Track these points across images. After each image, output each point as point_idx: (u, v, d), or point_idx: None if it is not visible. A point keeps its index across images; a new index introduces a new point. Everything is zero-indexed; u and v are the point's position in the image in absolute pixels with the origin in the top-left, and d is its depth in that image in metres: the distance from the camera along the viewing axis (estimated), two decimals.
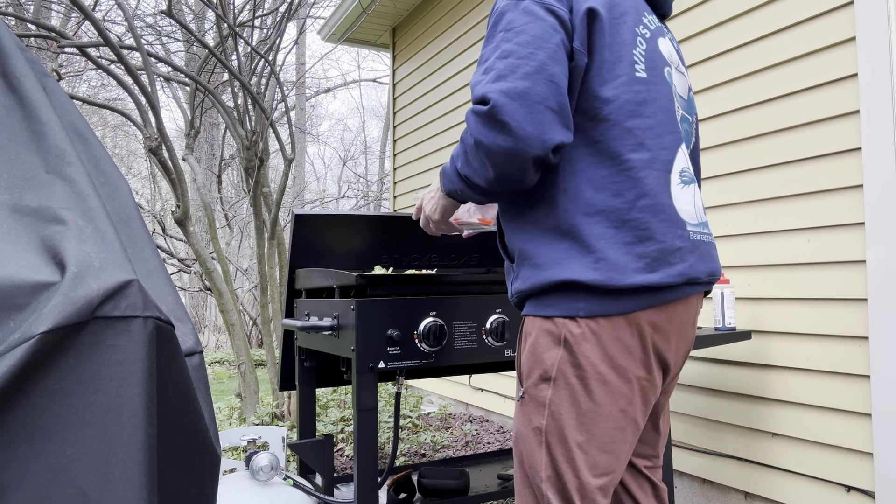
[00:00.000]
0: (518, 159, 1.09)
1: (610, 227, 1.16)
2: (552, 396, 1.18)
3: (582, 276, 1.14)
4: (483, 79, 1.13)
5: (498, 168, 1.11)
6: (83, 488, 0.57)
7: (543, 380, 1.19)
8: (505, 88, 1.08)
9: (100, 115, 11.13)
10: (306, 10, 7.65)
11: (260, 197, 4.45)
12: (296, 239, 2.05)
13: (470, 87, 1.16)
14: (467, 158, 1.16)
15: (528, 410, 1.21)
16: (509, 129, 1.07)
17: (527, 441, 1.21)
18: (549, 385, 1.18)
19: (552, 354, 1.18)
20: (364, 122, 24.21)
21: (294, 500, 1.88)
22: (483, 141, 1.10)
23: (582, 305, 1.16)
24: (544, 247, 1.19)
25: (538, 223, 1.21)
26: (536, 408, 1.19)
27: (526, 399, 1.22)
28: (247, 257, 11.86)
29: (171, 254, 7.85)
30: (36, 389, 0.56)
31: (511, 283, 1.29)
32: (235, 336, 4.26)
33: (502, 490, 2.08)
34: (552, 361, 1.18)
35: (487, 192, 1.19)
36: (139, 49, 3.70)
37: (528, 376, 1.22)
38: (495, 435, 3.92)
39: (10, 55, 0.77)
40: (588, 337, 1.16)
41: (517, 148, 1.08)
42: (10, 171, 0.68)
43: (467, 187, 1.20)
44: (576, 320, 1.17)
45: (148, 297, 0.62)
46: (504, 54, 1.12)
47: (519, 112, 1.07)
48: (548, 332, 1.19)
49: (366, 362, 1.65)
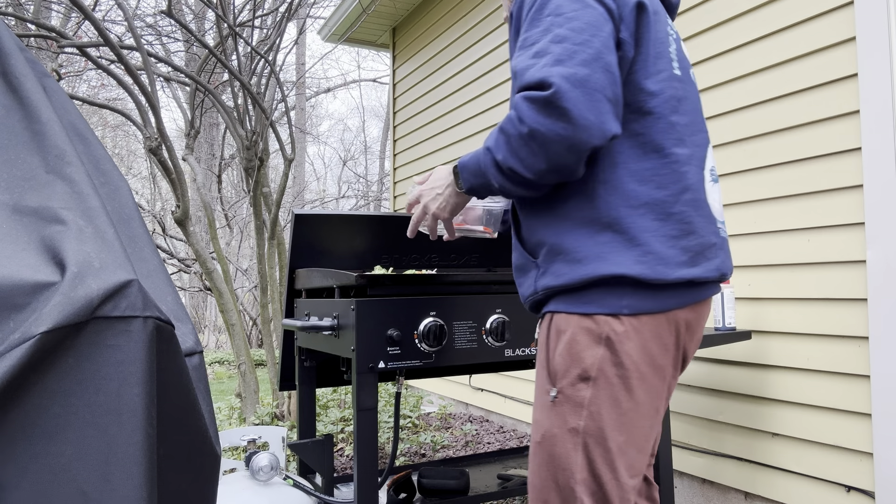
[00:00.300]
0: (576, 149, 1.04)
1: (655, 219, 1.12)
2: (592, 396, 1.13)
3: (629, 270, 1.10)
4: (535, 62, 1.06)
5: (553, 158, 1.06)
6: (83, 488, 0.57)
7: (582, 379, 1.14)
8: (566, 73, 1.02)
9: (100, 115, 11.12)
10: (306, 10, 7.65)
11: (260, 197, 4.44)
12: (296, 239, 2.04)
13: (514, 71, 1.10)
14: (512, 149, 1.08)
15: (563, 411, 1.15)
16: (570, 117, 1.02)
17: (560, 442, 1.15)
18: (588, 385, 1.13)
19: (592, 353, 1.13)
20: (364, 122, 24.22)
21: (294, 500, 1.88)
22: (540, 129, 1.03)
23: (627, 303, 1.12)
24: (582, 240, 1.14)
25: (572, 216, 1.15)
26: (574, 408, 1.14)
27: (561, 399, 1.16)
28: (247, 257, 11.86)
29: (171, 254, 7.85)
30: (36, 389, 0.56)
31: (535, 280, 1.21)
32: (235, 336, 4.26)
33: (502, 490, 2.08)
34: (592, 360, 1.13)
35: (533, 185, 1.12)
36: (139, 49, 3.70)
37: (563, 375, 1.16)
38: (495, 435, 3.92)
39: (10, 55, 0.77)
40: (631, 335, 1.13)
41: (577, 137, 1.03)
42: (10, 171, 0.68)
43: (507, 180, 1.12)
44: (619, 318, 1.13)
45: (148, 297, 0.62)
46: (558, 38, 1.06)
47: (580, 100, 1.02)
48: (587, 331, 1.14)
49: (366, 362, 1.65)
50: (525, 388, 3.82)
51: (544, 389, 1.20)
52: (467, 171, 1.19)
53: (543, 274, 1.19)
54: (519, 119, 1.06)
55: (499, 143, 1.11)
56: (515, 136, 1.07)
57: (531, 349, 1.88)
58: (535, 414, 1.21)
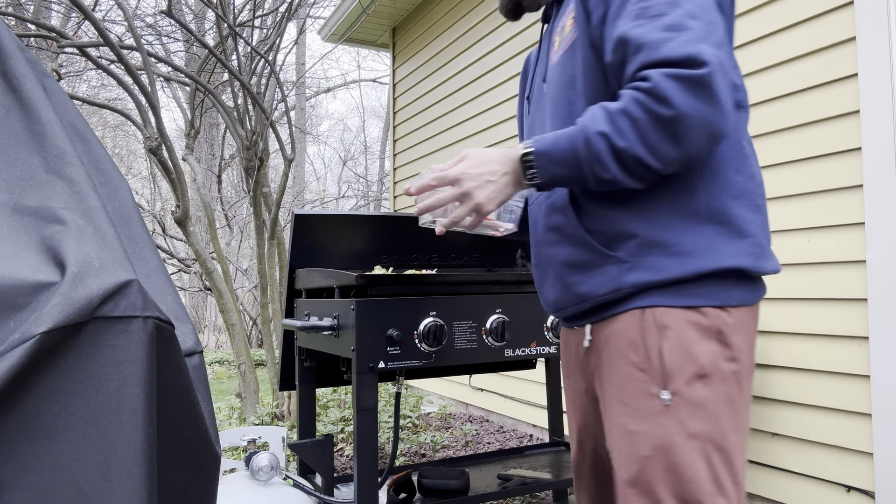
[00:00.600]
0: (715, 137, 0.95)
1: (752, 210, 1.07)
2: (710, 395, 1.03)
3: (741, 263, 1.03)
4: (675, 35, 0.93)
5: (691, 146, 0.95)
6: (83, 488, 0.57)
7: (698, 377, 1.02)
8: (713, 53, 0.92)
9: (100, 115, 11.12)
10: (306, 10, 7.65)
11: (260, 197, 4.45)
12: (296, 239, 2.04)
13: (639, 42, 0.96)
14: (643, 135, 0.94)
15: (680, 415, 1.02)
16: (718, 102, 0.92)
17: (682, 451, 1.01)
18: (704, 383, 1.03)
19: (706, 349, 1.03)
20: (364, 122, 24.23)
21: (294, 500, 1.88)
22: (689, 113, 0.92)
23: (736, 294, 1.05)
24: (685, 233, 1.04)
25: (668, 207, 1.05)
26: (692, 410, 1.02)
27: (677, 402, 1.02)
28: (247, 257, 11.86)
29: (171, 254, 7.85)
30: (36, 389, 0.56)
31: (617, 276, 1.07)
32: (235, 336, 4.26)
33: (502, 490, 2.08)
34: (707, 356, 1.03)
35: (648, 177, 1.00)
36: (139, 49, 3.70)
37: (676, 375, 1.03)
38: (495, 435, 3.92)
39: (10, 55, 0.77)
40: (738, 328, 1.05)
41: (718, 124, 0.94)
42: (10, 171, 0.68)
43: (624, 171, 0.98)
44: (727, 310, 1.04)
45: (148, 297, 0.62)
46: (690, 14, 0.95)
47: (723, 83, 0.92)
48: (695, 325, 1.03)
49: (366, 362, 1.65)
50: (525, 388, 3.82)
51: (649, 393, 1.04)
52: (552, 159, 1.01)
53: (633, 268, 1.06)
54: (662, 99, 0.92)
55: (621, 128, 0.95)
56: (652, 119, 0.93)
57: (531, 349, 1.88)
58: (633, 424, 1.05)
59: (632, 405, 1.06)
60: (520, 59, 3.96)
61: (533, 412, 3.77)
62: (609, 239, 1.08)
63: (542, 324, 1.90)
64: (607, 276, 1.08)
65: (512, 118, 3.97)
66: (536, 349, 1.88)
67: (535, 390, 3.68)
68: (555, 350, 1.91)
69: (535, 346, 1.88)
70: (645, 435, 1.03)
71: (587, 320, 1.15)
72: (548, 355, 1.91)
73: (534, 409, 3.75)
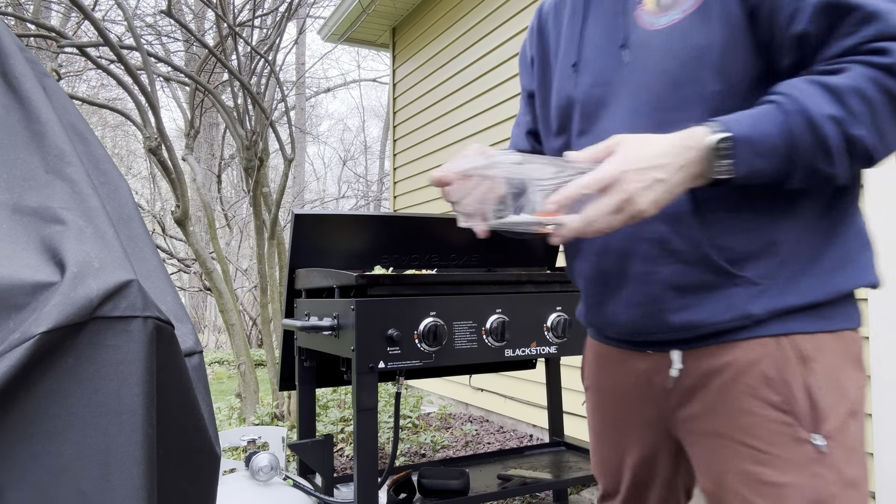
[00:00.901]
0: None
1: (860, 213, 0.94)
2: (858, 434, 0.89)
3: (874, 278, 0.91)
4: None
5: None
6: (83, 488, 0.56)
7: (851, 415, 0.88)
8: None
9: (100, 115, 11.12)
10: (306, 9, 7.65)
11: (260, 197, 4.45)
12: (296, 239, 2.04)
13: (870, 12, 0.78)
14: (877, 120, 0.77)
15: (836, 461, 0.86)
16: None
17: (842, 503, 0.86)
18: (856, 420, 0.89)
19: (853, 380, 0.89)
20: (364, 122, 24.23)
21: (294, 500, 1.88)
22: None
23: (858, 312, 0.92)
24: (842, 244, 0.89)
25: (830, 215, 0.89)
26: (848, 454, 0.87)
27: (832, 447, 0.86)
28: (247, 257, 11.86)
29: (171, 254, 7.85)
30: (35, 390, 0.56)
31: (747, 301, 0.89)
32: (235, 336, 4.26)
33: (502, 490, 2.08)
34: (855, 389, 0.89)
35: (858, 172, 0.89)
36: (139, 49, 3.70)
37: (829, 415, 0.87)
38: (495, 435, 3.92)
39: (10, 55, 0.77)
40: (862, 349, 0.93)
41: None
42: (9, 170, 0.68)
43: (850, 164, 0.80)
44: (857, 331, 0.92)
45: (148, 297, 0.62)
46: None
47: None
48: (840, 353, 0.89)
49: (366, 362, 1.65)
50: (525, 388, 3.82)
51: (797, 438, 0.87)
52: (755, 148, 0.79)
53: (766, 291, 0.88)
54: None
55: (855, 111, 0.76)
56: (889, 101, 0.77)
57: (531, 349, 1.88)
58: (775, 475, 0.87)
59: (772, 452, 0.88)
60: None
61: (533, 412, 3.77)
62: (738, 256, 0.89)
63: (542, 324, 1.90)
64: (731, 300, 0.89)
65: (512, 118, 3.96)
66: (536, 349, 1.88)
67: (535, 390, 3.68)
68: (555, 350, 1.90)
69: (535, 346, 1.88)
70: (796, 487, 0.86)
71: (674, 346, 0.96)
72: (548, 355, 1.90)
73: (534, 410, 3.75)
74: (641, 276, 0.95)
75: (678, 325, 0.93)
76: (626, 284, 0.98)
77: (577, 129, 1.05)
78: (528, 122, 1.24)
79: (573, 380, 3.69)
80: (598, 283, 1.03)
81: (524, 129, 1.25)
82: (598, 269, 1.02)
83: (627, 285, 0.98)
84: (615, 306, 1.01)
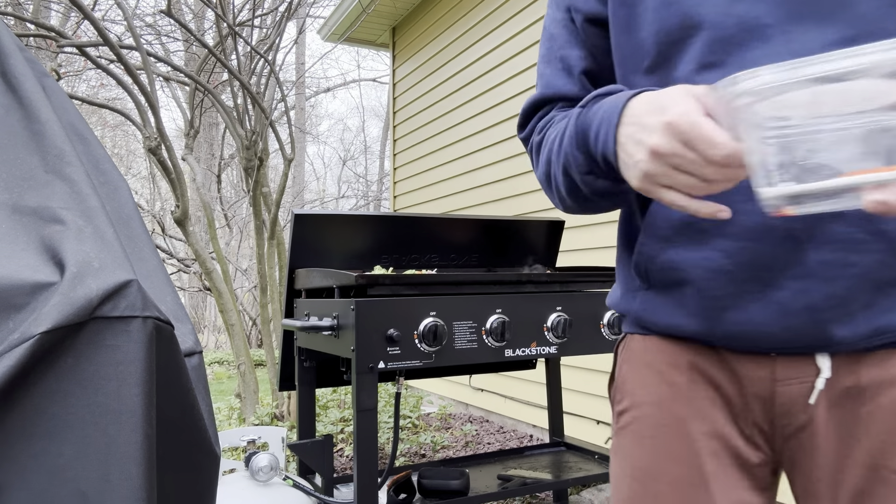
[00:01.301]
0: None
1: None
2: None
3: None
4: None
5: None
6: (82, 488, 0.56)
7: None
8: None
9: (99, 115, 11.12)
10: (306, 9, 7.65)
11: (259, 197, 4.45)
12: (295, 239, 2.04)
13: None
14: None
15: None
16: None
17: None
18: None
19: None
20: (364, 122, 24.24)
21: (294, 500, 1.88)
22: None
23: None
24: None
25: None
26: None
27: None
28: (246, 257, 11.86)
29: (171, 254, 7.85)
30: (35, 390, 0.56)
31: None
32: (235, 336, 4.26)
33: (502, 490, 2.08)
34: None
35: None
36: (138, 49, 3.70)
37: None
38: (495, 435, 3.92)
39: (10, 55, 0.77)
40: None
41: None
42: (9, 170, 0.68)
43: None
44: None
45: (147, 297, 0.61)
46: None
47: None
48: None
49: (366, 362, 1.65)
50: (525, 388, 3.82)
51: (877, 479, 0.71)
52: None
53: None
54: None
55: None
56: None
57: (531, 349, 1.88)
58: None
59: None
60: (520, 59, 3.96)
61: (533, 412, 3.77)
62: None
63: (543, 324, 1.90)
64: None
65: (513, 118, 3.96)
66: (536, 349, 1.88)
67: (535, 390, 3.68)
68: (555, 350, 1.90)
69: (535, 346, 1.88)
70: None
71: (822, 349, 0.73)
72: (548, 355, 1.90)
73: (534, 410, 3.75)
74: (825, 267, 0.69)
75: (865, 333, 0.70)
76: (792, 280, 0.71)
77: (699, 60, 0.74)
78: (582, 58, 0.89)
79: (573, 380, 3.68)
80: (738, 278, 0.74)
81: (578, 67, 0.89)
82: (745, 259, 0.73)
83: (793, 281, 0.71)
84: (760, 311, 0.73)
